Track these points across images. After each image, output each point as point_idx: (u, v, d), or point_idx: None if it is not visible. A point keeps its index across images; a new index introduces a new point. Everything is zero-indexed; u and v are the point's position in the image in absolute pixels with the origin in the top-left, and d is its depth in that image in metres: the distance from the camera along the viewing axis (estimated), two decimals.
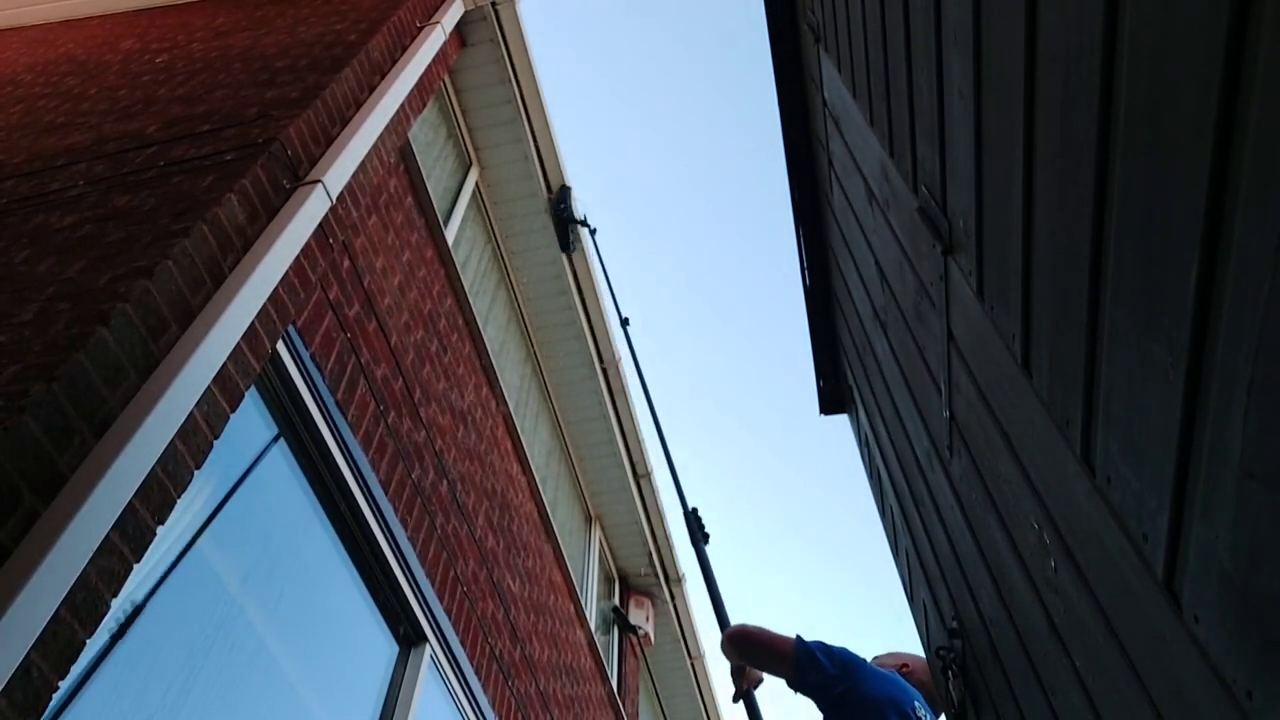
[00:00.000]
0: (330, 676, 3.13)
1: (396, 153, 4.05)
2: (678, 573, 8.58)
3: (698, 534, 4.21)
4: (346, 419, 3.22)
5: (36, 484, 1.76)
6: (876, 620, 34.13)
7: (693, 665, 9.18)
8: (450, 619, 3.89)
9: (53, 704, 1.77)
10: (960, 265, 2.10)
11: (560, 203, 6.16)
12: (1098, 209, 1.29)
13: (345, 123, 3.41)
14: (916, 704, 2.91)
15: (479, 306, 5.58)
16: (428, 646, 3.67)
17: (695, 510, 4.33)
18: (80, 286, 2.20)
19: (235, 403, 2.40)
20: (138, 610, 2.19)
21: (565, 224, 6.26)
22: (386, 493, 3.46)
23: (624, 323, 6.58)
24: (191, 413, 2.15)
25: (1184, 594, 1.17)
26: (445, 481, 4.17)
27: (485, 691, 4.19)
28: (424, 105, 4.29)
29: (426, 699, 3.64)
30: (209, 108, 3.37)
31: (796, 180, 4.91)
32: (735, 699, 3.32)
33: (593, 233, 6.70)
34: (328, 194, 2.98)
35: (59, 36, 5.39)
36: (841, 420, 5.85)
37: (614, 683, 7.27)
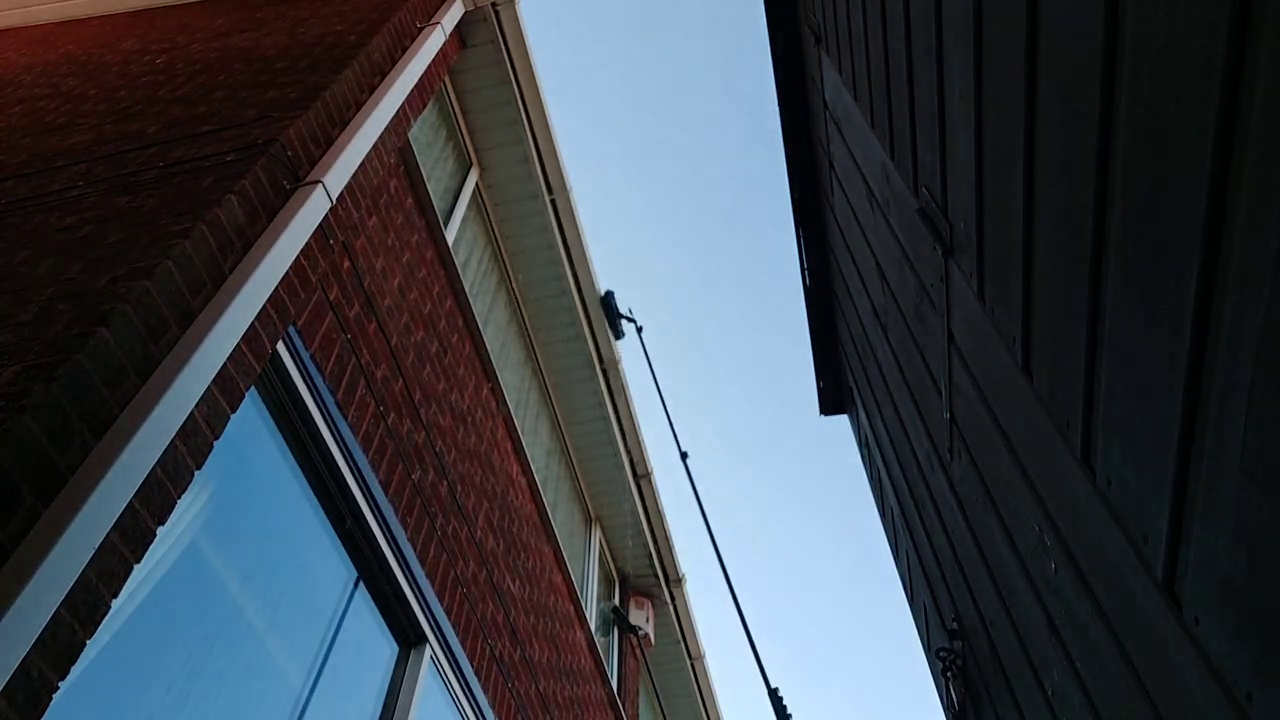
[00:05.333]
0: (330, 677, 3.13)
1: (396, 153, 4.05)
2: (678, 573, 8.58)
3: (782, 714, 4.30)
4: (346, 420, 3.22)
5: (37, 484, 1.76)
6: (875, 623, 34.12)
7: (693, 666, 9.18)
8: (450, 620, 3.89)
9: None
10: (961, 267, 2.10)
11: (607, 300, 6.83)
12: (1098, 211, 1.29)
13: (345, 123, 3.41)
14: None
15: (479, 307, 5.57)
16: (428, 647, 3.67)
17: (777, 690, 4.40)
18: (80, 287, 2.20)
19: (235, 403, 2.40)
20: (135, 609, 2.19)
21: (615, 316, 6.84)
22: (386, 493, 3.46)
23: (683, 457, 6.58)
24: (191, 413, 2.15)
25: (1184, 595, 1.17)
26: (445, 482, 4.17)
27: (485, 692, 4.19)
28: (424, 106, 4.29)
29: (426, 700, 3.64)
30: (209, 108, 3.37)
31: (797, 181, 4.91)
32: None
33: (639, 330, 7.02)
34: (328, 195, 2.98)
35: (59, 37, 5.39)
36: (842, 420, 5.85)
37: (614, 684, 7.27)
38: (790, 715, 4.26)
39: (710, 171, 29.02)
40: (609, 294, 6.87)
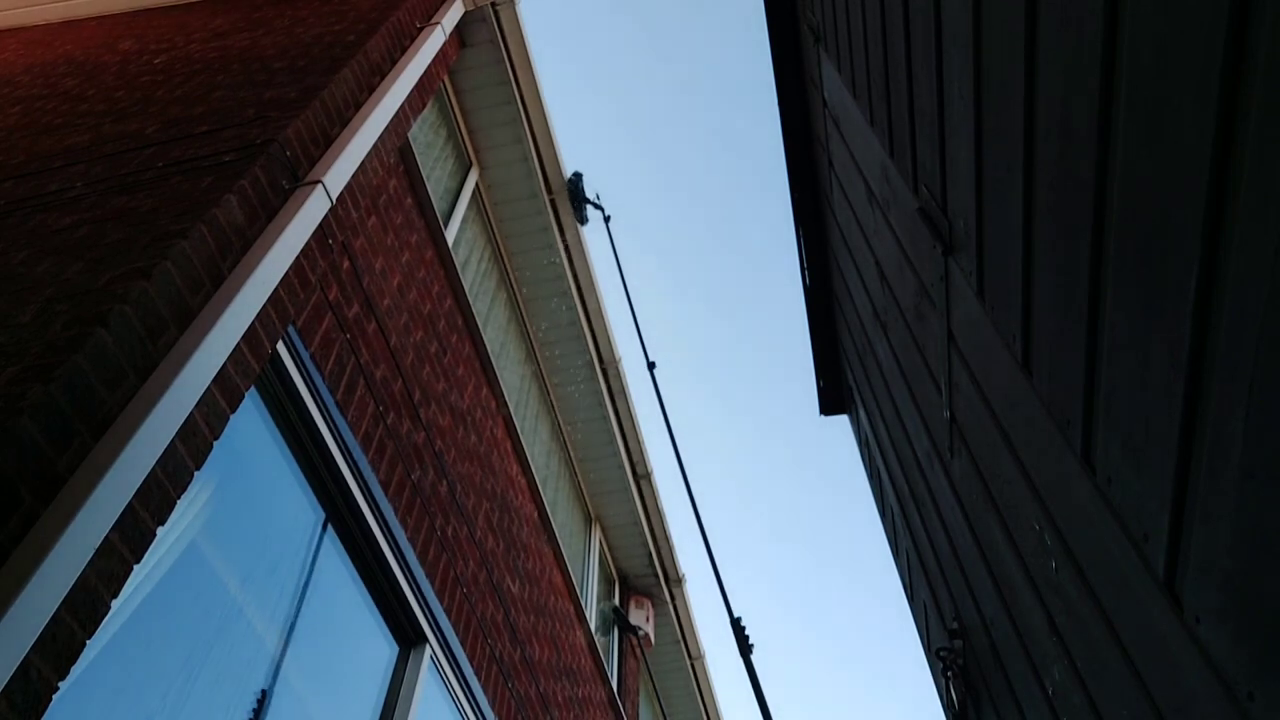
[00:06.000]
0: (330, 676, 3.13)
1: (396, 153, 4.05)
2: (678, 573, 8.58)
3: (743, 643, 4.27)
4: (346, 420, 3.22)
5: (35, 485, 1.76)
6: (875, 624, 34.13)
7: (693, 666, 9.18)
8: (450, 620, 3.89)
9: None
10: (961, 266, 2.10)
11: (575, 182, 6.40)
12: (1098, 209, 1.29)
13: (344, 123, 3.41)
14: None
15: (479, 307, 5.57)
16: (428, 647, 3.67)
17: (740, 620, 4.37)
18: (79, 287, 2.20)
19: (235, 403, 2.39)
20: (135, 610, 2.19)
21: (581, 201, 6.43)
22: (386, 494, 3.46)
23: (651, 367, 6.39)
24: (191, 413, 2.15)
25: (1185, 594, 1.17)
26: (445, 482, 4.17)
27: (485, 692, 4.19)
28: (424, 106, 4.28)
29: (426, 700, 3.64)
30: (207, 109, 3.37)
31: (796, 180, 4.91)
32: None
33: (606, 219, 6.73)
34: (327, 195, 2.97)
35: (57, 38, 5.39)
36: (842, 420, 5.85)
37: (614, 684, 7.27)
38: (752, 645, 4.23)
39: (710, 171, 29.02)
40: (576, 175, 6.45)
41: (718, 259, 30.55)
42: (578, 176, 6.44)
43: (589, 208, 6.58)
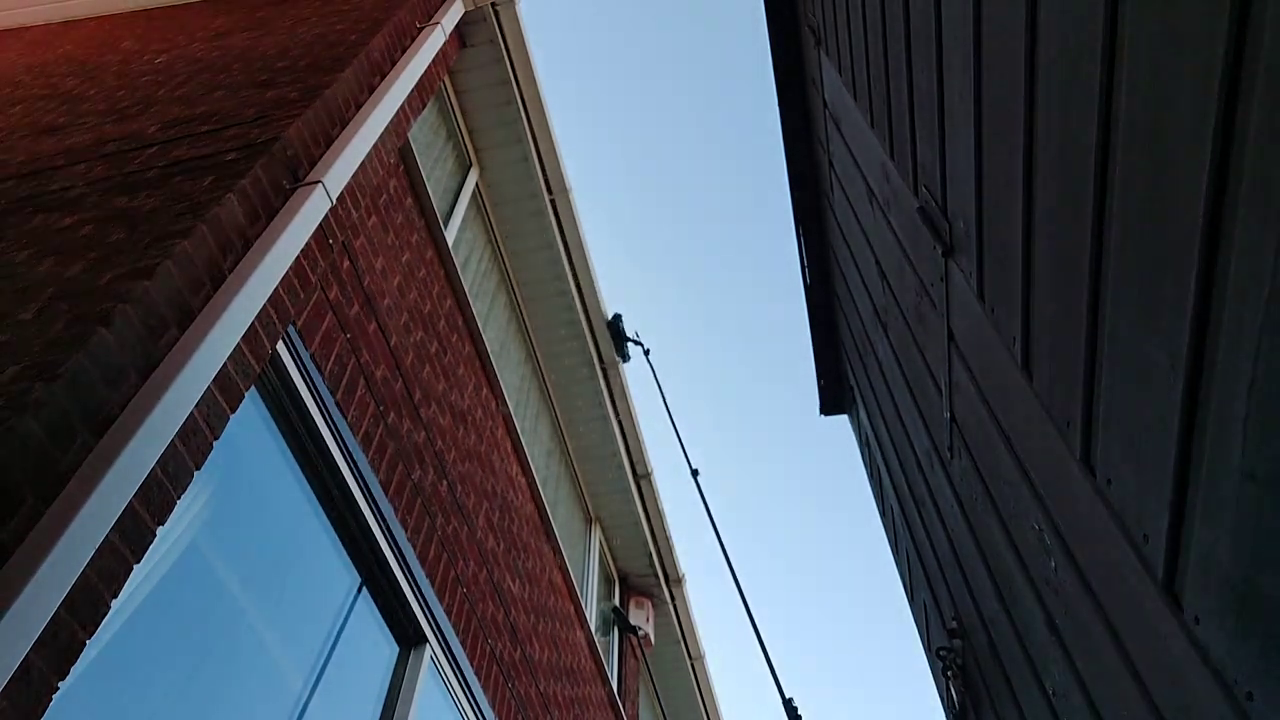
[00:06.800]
0: (330, 677, 3.13)
1: (396, 153, 4.05)
2: (678, 573, 8.58)
3: None
4: (346, 420, 3.22)
5: (37, 484, 1.76)
6: (876, 624, 34.13)
7: (693, 666, 9.17)
8: (450, 620, 3.89)
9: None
10: (961, 266, 2.10)
11: (615, 323, 6.95)
12: (1098, 210, 1.29)
13: (345, 123, 3.41)
14: None
15: (479, 307, 5.57)
16: (428, 647, 3.67)
17: (792, 700, 4.40)
18: (80, 287, 2.20)
19: (235, 403, 2.40)
20: (135, 610, 2.19)
21: (622, 340, 6.96)
22: (386, 494, 3.46)
23: (694, 474, 6.46)
24: (191, 413, 2.15)
25: (1184, 595, 1.17)
26: (445, 482, 4.17)
27: (485, 693, 4.20)
28: (424, 106, 4.29)
29: (426, 700, 3.64)
30: (208, 108, 3.37)
31: (797, 180, 4.91)
32: None
33: (646, 353, 7.17)
34: (328, 194, 2.98)
35: (58, 38, 5.39)
36: (842, 420, 5.85)
37: (614, 684, 7.27)
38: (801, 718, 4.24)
39: (710, 170, 29.01)
40: (617, 316, 6.99)
41: (718, 258, 30.55)
42: (618, 318, 6.95)
43: (630, 345, 7.06)
